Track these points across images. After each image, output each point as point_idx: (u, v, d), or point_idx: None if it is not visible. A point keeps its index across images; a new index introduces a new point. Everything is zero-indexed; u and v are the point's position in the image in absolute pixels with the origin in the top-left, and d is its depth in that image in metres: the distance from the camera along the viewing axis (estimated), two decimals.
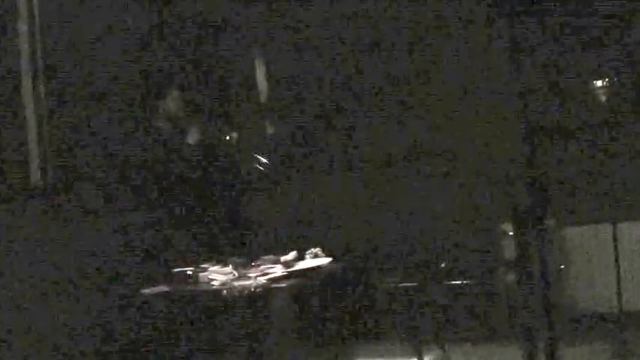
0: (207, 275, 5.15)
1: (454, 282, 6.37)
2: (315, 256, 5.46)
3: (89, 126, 5.70)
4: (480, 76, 6.54)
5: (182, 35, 6.68)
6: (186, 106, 6.20)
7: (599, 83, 5.45)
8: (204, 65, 6.86)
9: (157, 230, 6.06)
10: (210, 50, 6.94)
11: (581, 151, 6.35)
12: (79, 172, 5.57)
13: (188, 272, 5.20)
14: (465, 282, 6.36)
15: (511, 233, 5.96)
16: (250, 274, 5.08)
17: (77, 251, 5.44)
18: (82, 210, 5.53)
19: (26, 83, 5.42)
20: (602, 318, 6.14)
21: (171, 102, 6.12)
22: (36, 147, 5.41)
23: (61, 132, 5.51)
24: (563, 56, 6.41)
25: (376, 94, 6.91)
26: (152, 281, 5.26)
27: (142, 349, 5.57)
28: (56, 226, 5.34)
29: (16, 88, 5.42)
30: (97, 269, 5.56)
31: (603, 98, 5.45)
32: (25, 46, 5.43)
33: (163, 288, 5.13)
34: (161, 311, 5.26)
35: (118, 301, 5.61)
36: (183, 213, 6.27)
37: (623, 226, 6.02)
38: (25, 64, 5.42)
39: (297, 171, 7.03)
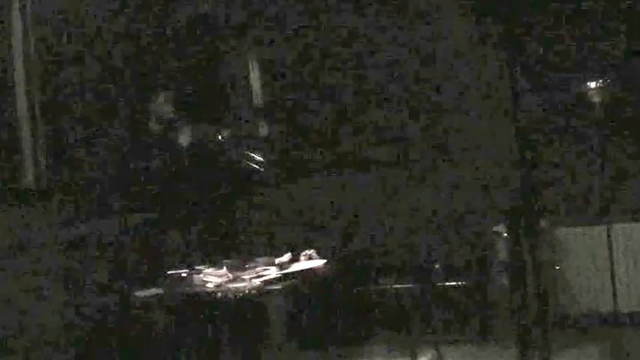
0: (201, 277, 5.14)
1: (448, 283, 6.37)
2: (310, 258, 5.45)
3: (83, 128, 5.69)
4: (473, 77, 6.54)
5: (177, 35, 6.67)
6: (177, 107, 6.18)
7: (593, 84, 5.45)
8: (198, 66, 6.84)
9: (151, 232, 6.04)
10: (204, 50, 6.93)
11: (576, 152, 6.35)
12: (71, 174, 5.56)
13: (182, 274, 5.19)
14: (458, 283, 6.35)
15: (505, 234, 5.97)
16: (244, 276, 5.07)
17: (70, 253, 5.42)
18: (74, 212, 5.51)
19: (19, 85, 5.41)
20: (597, 319, 6.15)
21: (163, 103, 6.09)
22: (30, 149, 5.40)
23: (54, 133, 5.50)
24: (558, 55, 6.41)
25: (372, 95, 6.91)
26: (146, 283, 5.24)
27: (136, 351, 5.56)
28: (49, 227, 5.33)
29: (10, 92, 5.41)
30: (91, 270, 5.55)
31: (597, 99, 5.44)
32: (18, 48, 5.42)
33: (157, 290, 5.12)
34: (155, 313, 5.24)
35: (112, 303, 5.60)
36: (177, 214, 6.25)
37: (618, 227, 6.02)
38: (18, 67, 5.41)
39: (292, 172, 7.02)
